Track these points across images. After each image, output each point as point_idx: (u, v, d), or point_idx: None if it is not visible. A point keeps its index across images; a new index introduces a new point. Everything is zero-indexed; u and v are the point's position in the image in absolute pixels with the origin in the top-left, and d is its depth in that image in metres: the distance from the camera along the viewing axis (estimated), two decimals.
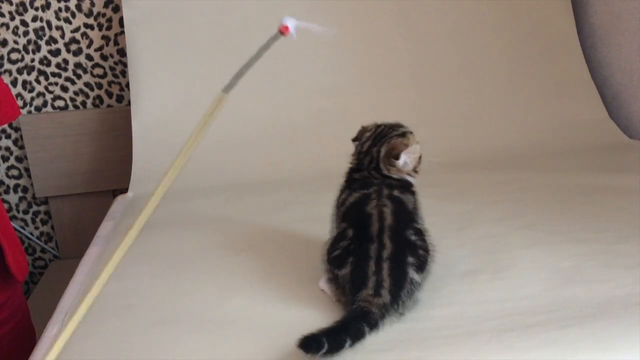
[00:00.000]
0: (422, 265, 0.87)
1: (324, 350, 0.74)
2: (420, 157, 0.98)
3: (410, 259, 0.86)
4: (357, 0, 1.76)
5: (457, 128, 1.69)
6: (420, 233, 0.90)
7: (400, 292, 0.84)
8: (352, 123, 1.70)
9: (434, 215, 1.22)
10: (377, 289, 0.83)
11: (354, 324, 0.79)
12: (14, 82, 1.81)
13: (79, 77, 1.84)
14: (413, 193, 0.96)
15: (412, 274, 0.85)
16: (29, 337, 1.28)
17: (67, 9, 1.78)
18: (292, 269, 1.02)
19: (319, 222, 1.02)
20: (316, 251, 0.95)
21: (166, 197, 1.45)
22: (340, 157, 1.07)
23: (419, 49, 1.77)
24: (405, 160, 0.95)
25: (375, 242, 0.86)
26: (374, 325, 0.81)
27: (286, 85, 1.70)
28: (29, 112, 1.83)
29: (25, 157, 1.85)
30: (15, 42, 1.79)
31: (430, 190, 1.37)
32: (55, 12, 1.78)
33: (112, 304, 0.96)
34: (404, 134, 0.97)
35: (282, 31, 0.89)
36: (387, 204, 0.90)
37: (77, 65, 1.83)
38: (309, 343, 0.75)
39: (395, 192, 0.92)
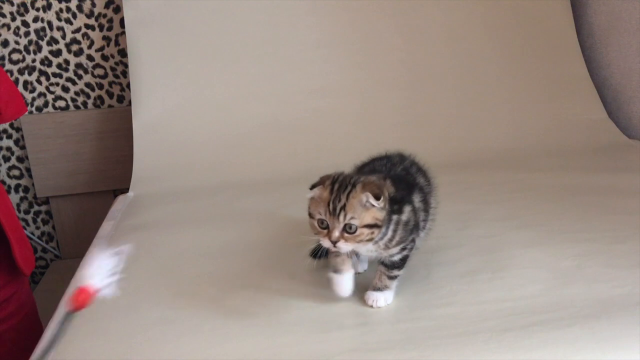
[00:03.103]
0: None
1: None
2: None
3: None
4: (356, 1, 1.76)
5: (457, 128, 1.69)
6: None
7: None
8: (352, 123, 1.71)
9: (434, 215, 1.23)
10: None
11: None
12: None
13: (80, 77, 1.84)
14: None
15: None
16: (35, 331, 1.28)
17: (68, 9, 1.79)
18: (292, 269, 1.02)
19: None
20: None
21: (166, 197, 1.46)
22: (340, 157, 1.07)
23: (418, 49, 1.77)
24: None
25: None
26: None
27: (286, 86, 1.71)
28: (30, 112, 1.84)
29: (27, 157, 1.85)
30: (17, 42, 1.79)
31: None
32: (56, 13, 1.78)
33: (112, 304, 0.96)
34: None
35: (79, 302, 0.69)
36: None
37: (78, 65, 1.84)
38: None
39: None
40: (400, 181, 0.89)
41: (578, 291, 0.91)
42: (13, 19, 1.77)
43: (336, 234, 0.81)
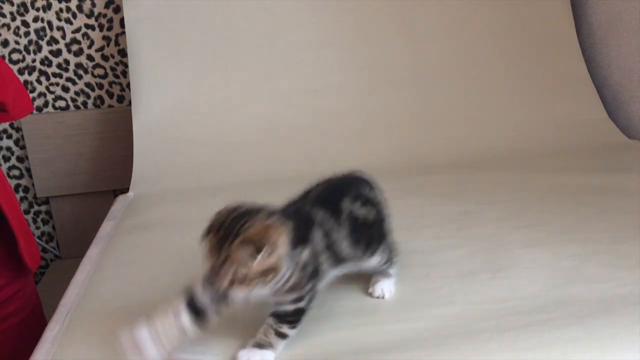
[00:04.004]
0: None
1: None
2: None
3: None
4: (357, 1, 1.76)
5: (457, 128, 1.69)
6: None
7: None
8: (352, 123, 1.71)
9: (434, 215, 1.23)
10: None
11: None
12: None
13: (80, 77, 1.84)
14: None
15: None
16: (40, 327, 1.29)
17: (68, 9, 1.79)
18: None
19: None
20: None
21: (166, 197, 1.46)
22: (340, 157, 1.07)
23: (419, 49, 1.77)
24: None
25: None
26: None
27: (286, 86, 1.71)
28: (30, 112, 1.84)
29: (27, 157, 1.85)
30: (17, 42, 1.79)
31: (431, 190, 1.38)
32: (56, 13, 1.78)
33: (111, 304, 0.96)
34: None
35: None
36: None
37: (78, 65, 1.84)
38: None
39: None
40: (303, 218, 0.82)
41: (578, 291, 0.91)
42: (13, 19, 1.77)
43: (225, 283, 0.75)
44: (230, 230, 0.76)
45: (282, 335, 0.79)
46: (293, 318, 0.80)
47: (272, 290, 0.77)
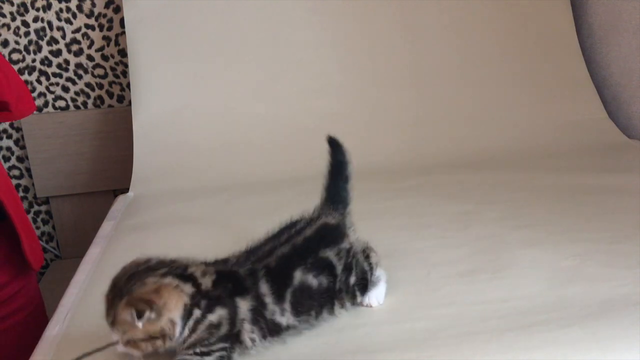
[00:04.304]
0: None
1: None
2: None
3: None
4: (358, 1, 1.76)
5: (457, 128, 1.69)
6: None
7: None
8: (352, 123, 1.71)
9: (434, 215, 1.23)
10: None
11: None
12: None
13: (79, 77, 1.84)
14: None
15: None
16: (42, 327, 1.29)
17: (68, 9, 1.79)
18: None
19: None
20: None
21: (166, 197, 1.46)
22: None
23: (419, 49, 1.77)
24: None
25: None
26: None
27: (287, 86, 1.71)
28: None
29: (27, 157, 1.85)
30: (17, 42, 1.79)
31: (431, 190, 1.39)
32: (56, 13, 1.78)
33: None
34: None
35: None
36: None
37: (78, 65, 1.84)
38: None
39: None
40: (233, 279, 0.78)
41: (578, 291, 0.91)
42: (13, 19, 1.77)
43: (121, 347, 0.73)
44: (121, 291, 0.72)
45: None
46: None
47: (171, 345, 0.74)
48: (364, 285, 0.87)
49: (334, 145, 0.99)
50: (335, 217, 0.90)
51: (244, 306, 0.76)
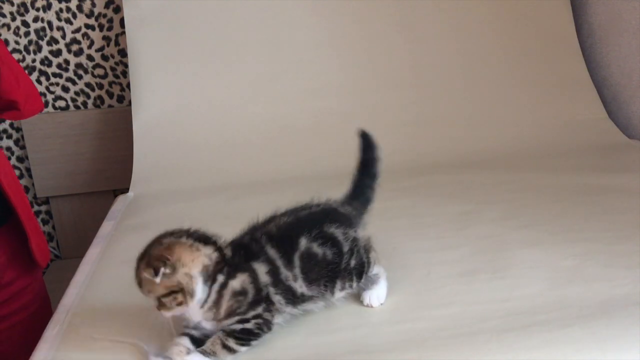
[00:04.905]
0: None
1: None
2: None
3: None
4: (357, 1, 1.76)
5: (457, 128, 1.69)
6: None
7: None
8: (352, 123, 1.70)
9: (434, 215, 1.23)
10: None
11: None
12: None
13: (80, 77, 1.84)
14: None
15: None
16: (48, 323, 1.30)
17: (68, 9, 1.79)
18: None
19: None
20: None
21: (166, 197, 1.46)
22: (340, 157, 1.07)
23: (419, 49, 1.77)
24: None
25: None
26: None
27: (286, 86, 1.71)
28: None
29: (27, 157, 1.85)
30: (17, 42, 1.79)
31: (431, 190, 1.39)
32: (56, 13, 1.78)
33: (111, 304, 0.96)
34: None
35: None
36: None
37: (78, 65, 1.84)
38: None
39: None
40: (243, 247, 0.84)
41: (578, 291, 0.91)
42: (13, 19, 1.77)
43: (154, 305, 0.78)
44: (144, 255, 0.79)
45: (228, 349, 0.79)
46: (241, 336, 0.79)
47: (207, 313, 0.79)
48: (360, 272, 0.88)
49: (366, 141, 1.01)
50: (348, 210, 0.92)
51: (261, 270, 0.81)
